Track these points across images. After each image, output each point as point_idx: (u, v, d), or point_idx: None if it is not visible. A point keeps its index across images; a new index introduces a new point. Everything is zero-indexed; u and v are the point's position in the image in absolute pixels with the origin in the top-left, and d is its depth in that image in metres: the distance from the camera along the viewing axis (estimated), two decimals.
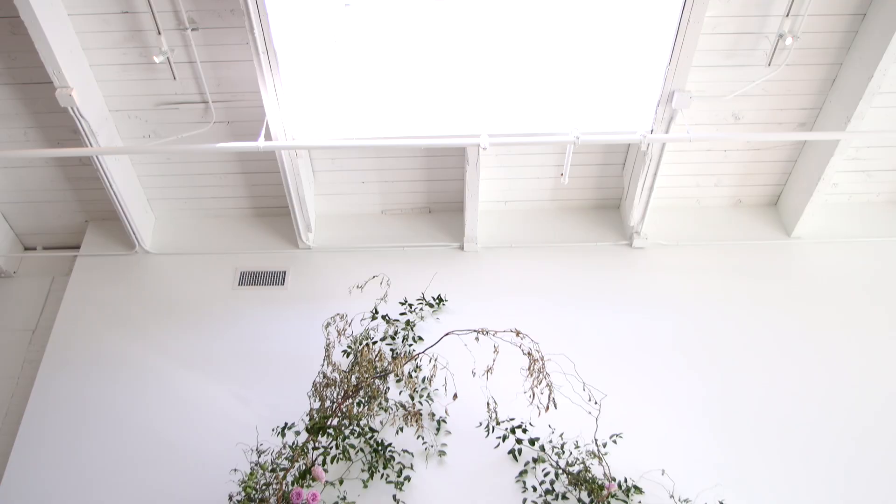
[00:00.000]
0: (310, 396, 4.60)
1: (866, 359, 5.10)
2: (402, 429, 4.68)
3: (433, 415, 4.83)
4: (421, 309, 5.35)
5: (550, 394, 4.19)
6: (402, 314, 5.29)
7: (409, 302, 5.34)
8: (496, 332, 4.39)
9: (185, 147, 4.91)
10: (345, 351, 4.92)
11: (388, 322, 5.23)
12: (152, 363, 5.21)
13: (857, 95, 4.80)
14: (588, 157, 5.57)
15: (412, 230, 5.91)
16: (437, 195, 5.90)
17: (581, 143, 4.59)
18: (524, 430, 4.66)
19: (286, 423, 4.65)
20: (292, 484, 4.23)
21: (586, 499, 4.36)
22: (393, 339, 5.18)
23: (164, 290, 5.61)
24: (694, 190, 5.80)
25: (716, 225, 5.85)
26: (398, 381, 4.57)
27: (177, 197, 5.82)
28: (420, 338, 5.17)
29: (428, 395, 4.85)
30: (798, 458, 4.67)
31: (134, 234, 5.60)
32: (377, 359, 4.48)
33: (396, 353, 5.05)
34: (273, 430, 4.65)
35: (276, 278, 5.63)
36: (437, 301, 5.37)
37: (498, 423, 4.64)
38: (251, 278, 5.64)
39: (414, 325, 5.25)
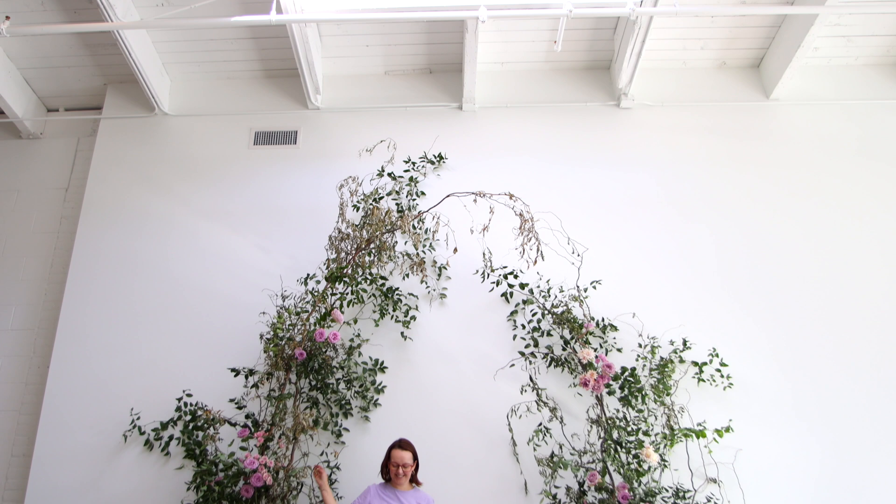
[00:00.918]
0: (327, 249, 5.18)
1: (832, 213, 5.57)
2: (407, 275, 5.28)
3: (435, 262, 5.41)
4: (423, 166, 5.79)
5: (538, 248, 4.76)
6: (406, 171, 5.75)
7: (412, 160, 5.78)
8: (492, 194, 4.90)
9: (201, 21, 5.15)
10: (355, 206, 5.44)
11: (393, 179, 5.70)
12: (180, 219, 5.72)
13: None
14: (581, 22, 5.78)
15: (414, 90, 6.22)
16: (438, 56, 6.16)
17: (573, 15, 4.85)
18: (515, 276, 5.25)
19: (308, 274, 5.24)
20: (315, 325, 4.89)
21: (568, 335, 5.04)
22: (398, 194, 5.66)
23: (184, 150, 6.02)
24: (680, 53, 6.06)
25: (700, 86, 6.13)
26: (404, 233, 5.12)
27: (190, 61, 6.10)
28: (423, 192, 5.66)
29: (430, 245, 5.40)
30: (757, 305, 5.28)
31: (152, 96, 5.93)
32: (386, 216, 5.01)
33: (401, 207, 5.55)
34: (298, 280, 5.25)
35: (289, 138, 6.02)
36: (438, 158, 5.80)
37: (493, 271, 5.24)
38: (265, 138, 6.03)
39: (417, 182, 5.72)
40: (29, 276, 5.81)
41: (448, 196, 5.18)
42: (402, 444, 4.36)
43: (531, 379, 4.93)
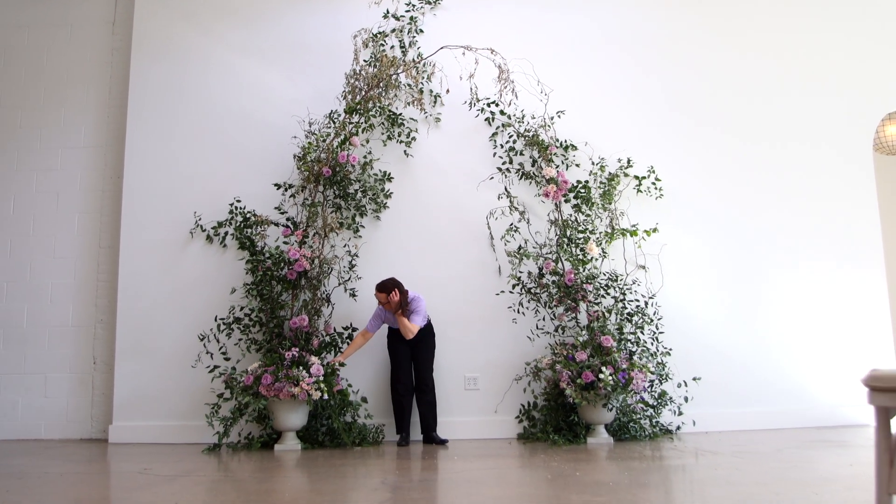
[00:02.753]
0: (344, 87, 6.30)
1: (755, 52, 6.67)
2: (409, 104, 6.44)
3: (431, 91, 6.55)
4: (422, 7, 6.72)
5: (513, 90, 5.96)
6: (406, 11, 6.69)
7: (412, 3, 6.71)
8: (477, 48, 5.97)
9: None
10: (365, 43, 6.45)
11: (397, 19, 6.67)
12: (217, 54, 6.71)
13: None
14: None
15: None
16: None
17: None
18: (496, 105, 6.41)
19: (332, 111, 6.37)
20: (337, 147, 6.14)
21: (536, 155, 6.34)
22: (401, 32, 6.66)
23: None
24: None
25: None
26: (406, 73, 6.23)
27: None
28: (421, 30, 6.65)
29: (428, 77, 6.48)
30: (689, 131, 6.53)
31: None
32: (392, 63, 6.10)
33: (403, 43, 6.59)
34: (324, 115, 6.38)
35: None
36: None
37: (478, 100, 6.41)
38: None
39: (416, 20, 6.68)
40: (92, 101, 6.91)
41: (441, 48, 6.25)
42: (377, 288, 5.68)
43: (506, 189, 6.30)
